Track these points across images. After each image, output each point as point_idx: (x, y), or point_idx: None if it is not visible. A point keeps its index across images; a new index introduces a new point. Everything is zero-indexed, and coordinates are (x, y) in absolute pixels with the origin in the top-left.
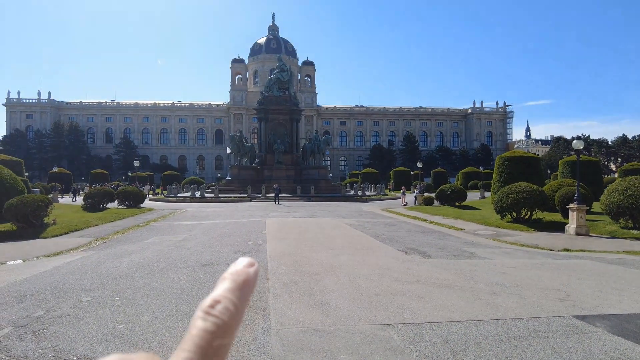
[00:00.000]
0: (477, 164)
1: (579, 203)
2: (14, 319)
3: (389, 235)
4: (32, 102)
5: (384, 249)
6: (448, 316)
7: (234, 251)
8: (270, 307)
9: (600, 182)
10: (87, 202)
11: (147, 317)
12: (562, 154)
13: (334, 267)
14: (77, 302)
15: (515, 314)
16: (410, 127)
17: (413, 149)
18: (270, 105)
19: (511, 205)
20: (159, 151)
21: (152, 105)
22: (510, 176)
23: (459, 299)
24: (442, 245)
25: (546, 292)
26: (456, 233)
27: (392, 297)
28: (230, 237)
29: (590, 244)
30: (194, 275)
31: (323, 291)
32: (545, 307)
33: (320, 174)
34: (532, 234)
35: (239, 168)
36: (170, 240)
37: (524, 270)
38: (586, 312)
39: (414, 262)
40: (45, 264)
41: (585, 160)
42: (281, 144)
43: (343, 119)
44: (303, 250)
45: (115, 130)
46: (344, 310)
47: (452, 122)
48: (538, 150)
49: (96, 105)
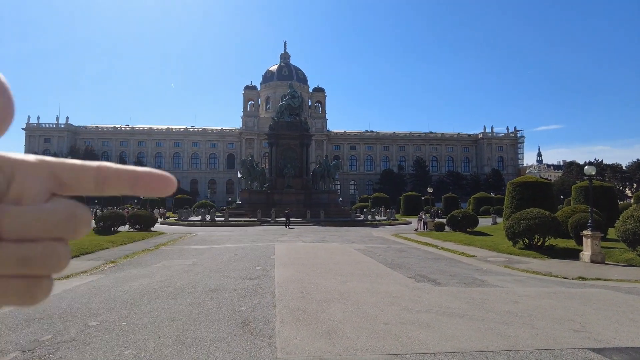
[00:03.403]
0: (488, 189)
1: (593, 230)
2: (21, 343)
3: (399, 261)
4: (50, 127)
5: (394, 275)
6: (457, 346)
7: (242, 276)
8: (276, 334)
9: (615, 208)
10: (99, 225)
11: (153, 344)
12: (574, 179)
13: (342, 295)
14: (84, 326)
15: (527, 345)
16: (420, 152)
17: (423, 173)
18: (281, 130)
19: (523, 232)
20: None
21: (166, 130)
22: (521, 202)
23: (470, 329)
24: (453, 272)
25: (560, 323)
26: (467, 260)
27: (401, 326)
28: (239, 262)
29: (606, 272)
30: (202, 301)
31: (330, 319)
32: (559, 338)
33: (330, 198)
34: (545, 261)
35: (250, 192)
36: (179, 264)
37: (537, 299)
38: (602, 345)
39: (424, 290)
40: (55, 287)
41: (599, 185)
42: (291, 168)
43: (353, 144)
44: (311, 277)
45: (129, 154)
46: (351, 340)
47: (463, 147)
48: (550, 175)
49: (111, 129)
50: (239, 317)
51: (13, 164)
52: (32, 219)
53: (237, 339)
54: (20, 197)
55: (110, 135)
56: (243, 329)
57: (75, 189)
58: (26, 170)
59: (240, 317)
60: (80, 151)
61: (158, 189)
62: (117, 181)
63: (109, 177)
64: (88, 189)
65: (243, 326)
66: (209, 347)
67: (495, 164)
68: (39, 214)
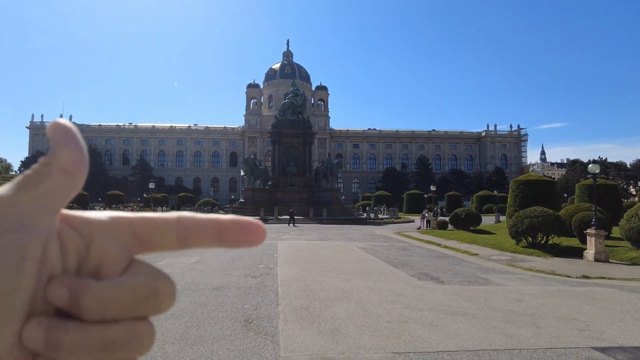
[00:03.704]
0: (491, 187)
1: (596, 228)
2: None
3: (402, 260)
4: None
5: (397, 274)
6: (461, 345)
7: (245, 275)
8: (279, 333)
9: (619, 206)
10: None
11: (157, 341)
12: (578, 178)
13: (345, 293)
14: None
15: (530, 344)
16: (423, 150)
17: (426, 172)
18: (283, 128)
19: (526, 230)
20: (174, 173)
21: (169, 129)
22: (525, 200)
23: (473, 328)
24: (456, 270)
25: (564, 322)
26: (470, 258)
27: (403, 325)
28: (242, 260)
29: (610, 271)
30: (205, 299)
31: (333, 317)
32: (563, 337)
33: (332, 196)
34: (548, 260)
35: (252, 190)
36: (183, 262)
37: (540, 298)
38: (606, 344)
39: (426, 289)
40: None
41: (603, 184)
42: (294, 166)
43: (356, 142)
44: (314, 275)
45: (132, 152)
46: (354, 338)
47: (466, 145)
48: (554, 174)
49: (114, 127)
50: (242, 315)
51: (90, 225)
52: (113, 297)
53: (240, 337)
54: (100, 264)
55: (113, 134)
56: (246, 327)
57: (156, 246)
58: (104, 231)
59: (244, 315)
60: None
61: (246, 241)
62: (201, 236)
63: (192, 232)
64: (170, 246)
65: (246, 324)
66: (212, 345)
67: (499, 162)
68: (120, 291)
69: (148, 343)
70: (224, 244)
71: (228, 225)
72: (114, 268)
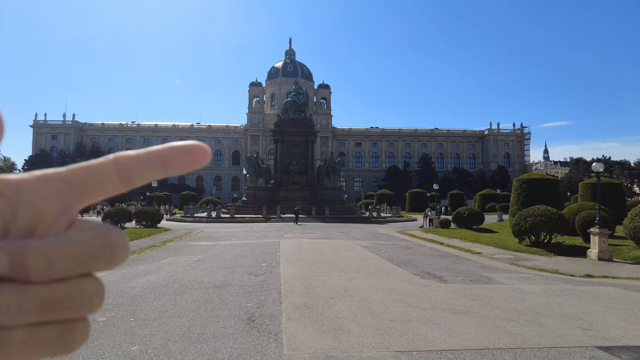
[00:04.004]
0: (494, 185)
1: (600, 227)
2: None
3: (405, 258)
4: (57, 124)
5: (399, 272)
6: (464, 344)
7: (248, 273)
8: (282, 331)
9: (623, 205)
10: (106, 221)
11: (160, 339)
12: (581, 176)
13: (347, 291)
14: (92, 322)
15: (534, 343)
16: (426, 149)
17: (429, 170)
18: (286, 127)
19: (529, 229)
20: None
21: (172, 127)
22: (528, 199)
23: (476, 326)
24: (459, 269)
25: (567, 321)
26: (473, 257)
27: (406, 324)
28: (245, 258)
29: (614, 270)
30: (208, 297)
31: (336, 316)
32: (566, 336)
33: (335, 195)
34: (551, 259)
35: (255, 189)
36: (186, 261)
37: (544, 297)
38: (610, 343)
39: (429, 287)
40: None
41: (607, 182)
42: (296, 165)
43: (358, 140)
44: (317, 273)
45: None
46: (357, 336)
47: (469, 143)
48: (557, 172)
49: (117, 126)
50: (246, 313)
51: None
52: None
53: (243, 335)
54: (33, 224)
55: (116, 132)
56: (249, 325)
57: (100, 192)
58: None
59: (247, 314)
60: (87, 148)
61: (191, 162)
62: (142, 167)
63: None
64: (115, 188)
65: (249, 322)
66: (215, 343)
67: (502, 161)
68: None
69: (98, 300)
70: (171, 170)
71: (169, 152)
72: (54, 227)
